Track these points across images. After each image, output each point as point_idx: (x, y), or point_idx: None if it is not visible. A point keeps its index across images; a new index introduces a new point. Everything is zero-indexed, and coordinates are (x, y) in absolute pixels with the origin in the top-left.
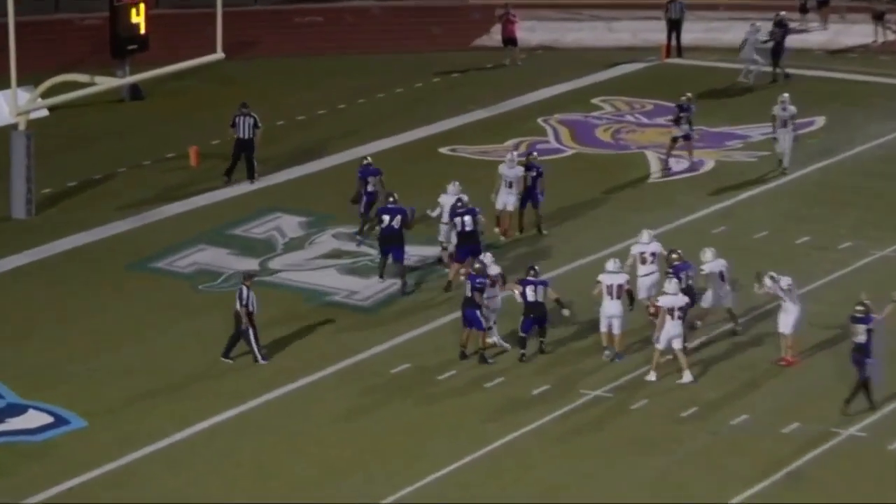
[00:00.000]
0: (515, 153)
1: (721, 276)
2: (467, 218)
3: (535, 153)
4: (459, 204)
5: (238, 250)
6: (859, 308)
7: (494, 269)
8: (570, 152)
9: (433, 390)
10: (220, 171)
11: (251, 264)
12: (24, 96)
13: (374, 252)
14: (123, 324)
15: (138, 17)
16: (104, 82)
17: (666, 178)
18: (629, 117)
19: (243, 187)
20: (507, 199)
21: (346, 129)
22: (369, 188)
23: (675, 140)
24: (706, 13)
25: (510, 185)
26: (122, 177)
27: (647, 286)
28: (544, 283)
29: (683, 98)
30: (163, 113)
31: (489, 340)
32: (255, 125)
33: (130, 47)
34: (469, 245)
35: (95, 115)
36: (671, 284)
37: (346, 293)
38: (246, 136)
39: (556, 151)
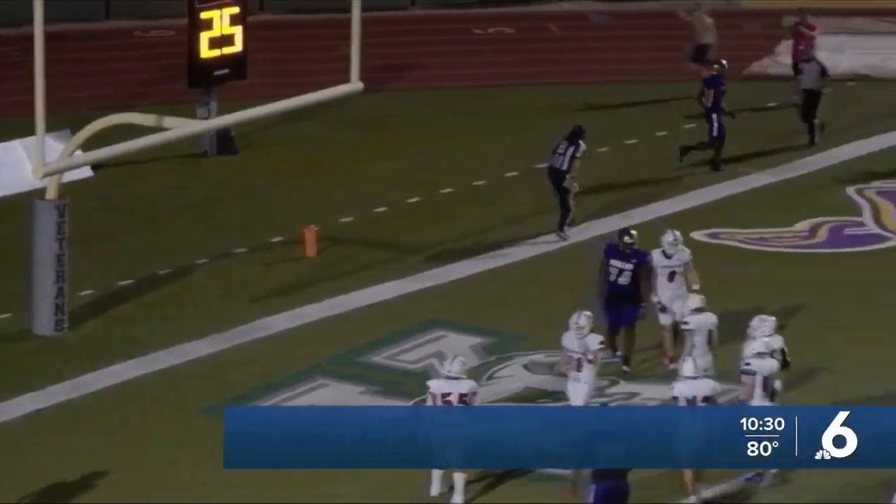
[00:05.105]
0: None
1: None
2: None
3: None
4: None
5: (377, 387)
6: None
7: None
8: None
9: None
10: (350, 261)
11: None
12: (55, 147)
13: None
14: None
15: (232, 28)
16: (177, 126)
17: None
18: None
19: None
20: None
21: (544, 205)
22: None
23: None
24: None
25: None
26: (200, 272)
27: None
28: None
29: None
30: (264, 174)
31: None
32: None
33: (219, 73)
34: None
35: (162, 177)
36: None
37: None
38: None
39: (874, 239)
